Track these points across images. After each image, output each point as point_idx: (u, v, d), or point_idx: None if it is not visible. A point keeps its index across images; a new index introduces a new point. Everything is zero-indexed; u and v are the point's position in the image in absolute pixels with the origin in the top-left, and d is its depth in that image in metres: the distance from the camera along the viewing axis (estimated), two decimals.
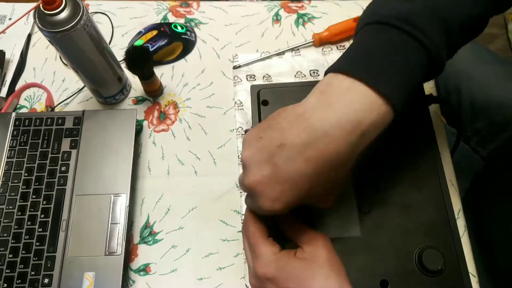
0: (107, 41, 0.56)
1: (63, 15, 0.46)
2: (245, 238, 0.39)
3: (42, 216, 0.52)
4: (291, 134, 0.32)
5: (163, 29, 0.64)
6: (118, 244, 0.51)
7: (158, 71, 0.63)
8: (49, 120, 0.57)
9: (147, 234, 0.55)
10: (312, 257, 0.35)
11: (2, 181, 0.54)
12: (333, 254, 0.36)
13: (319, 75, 0.64)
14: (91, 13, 0.68)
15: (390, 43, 0.33)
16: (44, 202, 0.53)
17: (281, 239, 0.38)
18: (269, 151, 0.33)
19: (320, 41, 0.65)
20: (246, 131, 0.55)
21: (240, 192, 0.56)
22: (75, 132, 0.57)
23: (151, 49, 0.62)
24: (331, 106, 0.32)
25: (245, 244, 0.39)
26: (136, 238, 0.54)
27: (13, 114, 0.58)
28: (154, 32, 0.64)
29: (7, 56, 0.65)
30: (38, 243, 0.51)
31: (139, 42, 0.63)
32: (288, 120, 0.33)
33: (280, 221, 0.39)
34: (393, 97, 0.32)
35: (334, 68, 0.34)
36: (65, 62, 0.65)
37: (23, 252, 0.50)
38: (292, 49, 0.65)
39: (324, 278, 0.34)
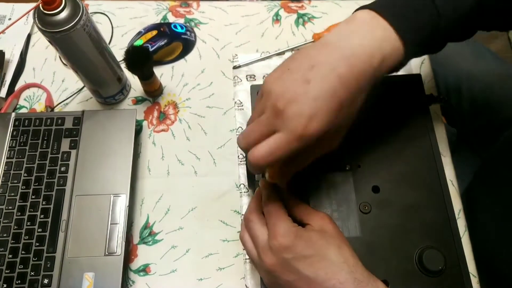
0: (107, 41, 0.56)
1: (63, 15, 0.46)
2: (250, 221, 0.40)
3: (42, 216, 0.52)
4: (321, 56, 0.34)
5: (162, 29, 0.64)
6: (118, 244, 0.50)
7: (158, 71, 0.63)
8: (48, 120, 0.57)
9: (147, 234, 0.54)
10: (323, 230, 0.38)
11: (1, 182, 0.54)
12: (339, 229, 0.39)
13: None
14: (90, 13, 0.68)
15: None
16: (44, 203, 0.53)
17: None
18: (301, 74, 0.34)
19: None
20: None
21: (240, 192, 0.56)
22: (74, 132, 0.57)
23: (150, 49, 0.62)
24: (355, 32, 0.36)
25: (254, 224, 0.40)
26: (136, 239, 0.54)
27: (13, 114, 0.58)
28: (154, 32, 0.64)
29: (6, 56, 0.65)
30: (37, 244, 0.51)
31: (138, 42, 0.63)
32: (316, 48, 0.35)
33: (288, 204, 0.41)
34: (406, 36, 0.36)
35: (361, 7, 0.38)
36: (64, 62, 0.65)
37: (23, 252, 0.50)
38: (292, 49, 0.65)
39: (337, 246, 0.37)
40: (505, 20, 0.40)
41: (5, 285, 0.49)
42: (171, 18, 0.69)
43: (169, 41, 0.64)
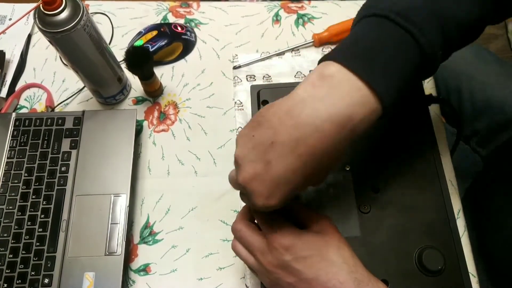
0: (107, 42, 0.56)
1: (63, 15, 0.46)
2: (241, 231, 0.40)
3: (42, 216, 0.52)
4: (282, 132, 0.32)
5: (163, 30, 0.64)
6: (118, 244, 0.51)
7: (158, 71, 0.64)
8: (49, 120, 0.57)
9: (147, 234, 0.55)
10: (322, 232, 0.38)
11: (2, 181, 0.54)
12: (338, 231, 0.39)
13: None
14: (91, 13, 0.68)
15: (386, 37, 0.33)
16: (44, 202, 0.53)
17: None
18: (261, 150, 0.33)
19: (320, 42, 0.65)
20: None
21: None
22: (75, 133, 0.57)
23: (151, 50, 0.62)
24: (322, 100, 0.32)
25: (245, 233, 0.39)
26: (136, 238, 0.54)
27: (13, 115, 0.58)
28: (154, 33, 0.64)
29: (7, 56, 0.65)
30: (38, 243, 0.51)
31: (139, 43, 0.63)
32: (277, 117, 0.33)
33: (288, 206, 0.40)
34: (384, 93, 0.32)
35: (329, 57, 0.33)
36: (65, 62, 0.65)
37: (23, 252, 0.50)
38: (292, 49, 0.65)
39: (336, 247, 0.36)
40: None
41: (5, 285, 0.49)
42: (171, 19, 0.69)
43: (169, 42, 0.64)
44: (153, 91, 0.62)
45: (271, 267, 0.36)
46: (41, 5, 0.46)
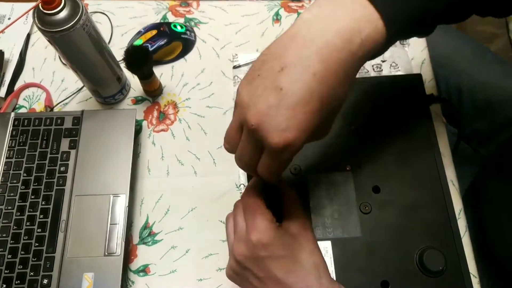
0: (107, 41, 0.56)
1: (62, 14, 0.46)
2: (238, 207, 0.40)
3: (41, 216, 0.52)
4: (290, 55, 0.30)
5: (162, 29, 0.64)
6: (118, 244, 0.50)
7: (158, 70, 0.63)
8: (48, 120, 0.57)
9: (147, 234, 0.54)
10: (299, 234, 0.38)
11: (1, 182, 0.54)
12: (314, 236, 0.39)
13: None
14: (90, 12, 0.68)
15: None
16: (43, 203, 0.52)
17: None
18: (270, 81, 0.30)
19: None
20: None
21: (240, 193, 0.56)
22: (74, 132, 0.56)
23: (150, 49, 0.62)
24: (328, 16, 0.31)
25: (237, 213, 0.39)
26: (136, 239, 0.54)
27: (12, 114, 0.58)
28: (154, 32, 0.64)
29: (6, 55, 0.65)
30: (37, 244, 0.50)
31: (138, 42, 0.63)
32: (282, 45, 0.31)
33: (280, 190, 0.40)
34: (388, 14, 0.31)
35: None
36: (64, 62, 0.65)
37: (22, 252, 0.50)
38: None
39: (310, 252, 0.37)
40: (500, 4, 0.37)
41: (4, 285, 0.49)
42: (171, 18, 0.69)
43: (169, 41, 0.63)
44: (153, 91, 0.62)
45: (242, 256, 0.36)
46: (40, 4, 0.45)
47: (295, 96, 0.30)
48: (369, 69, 0.63)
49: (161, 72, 0.64)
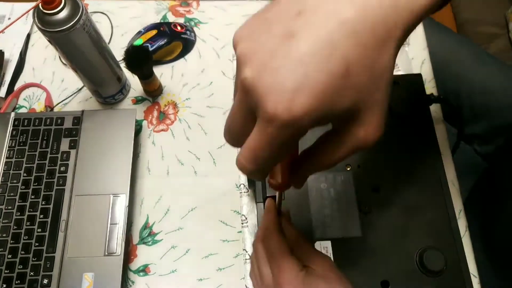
0: (107, 41, 0.56)
1: (62, 14, 0.46)
2: (260, 252, 0.37)
3: (41, 216, 0.52)
4: None
5: (162, 29, 0.64)
6: (118, 244, 0.50)
7: (158, 70, 0.63)
8: (48, 120, 0.57)
9: (147, 234, 0.54)
10: (327, 276, 0.35)
11: (1, 181, 0.54)
12: (341, 273, 0.36)
13: None
14: (90, 12, 0.68)
15: None
16: (43, 203, 0.52)
17: None
18: (282, 25, 0.22)
19: None
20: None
21: (240, 192, 0.56)
22: (74, 132, 0.56)
23: (150, 49, 0.62)
24: None
25: (259, 259, 0.37)
26: (136, 239, 0.54)
27: (12, 114, 0.58)
28: (154, 32, 0.64)
29: (6, 55, 0.65)
30: (37, 244, 0.50)
31: (138, 42, 0.63)
32: None
33: (290, 242, 0.38)
34: None
35: None
36: (64, 62, 0.65)
37: (22, 252, 0.50)
38: None
39: None
40: None
41: (4, 285, 0.49)
42: (171, 18, 0.69)
43: (169, 41, 0.63)
44: (153, 91, 0.62)
45: None
46: (40, 4, 0.45)
47: (310, 46, 0.21)
48: None
49: (161, 72, 0.64)
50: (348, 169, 0.49)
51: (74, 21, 0.46)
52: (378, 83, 0.23)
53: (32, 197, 0.53)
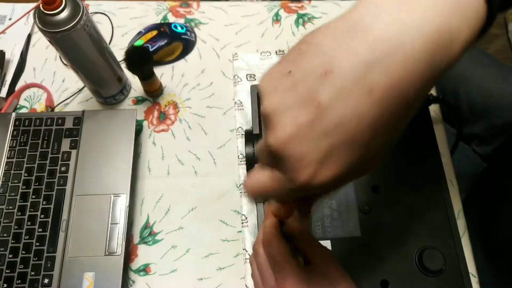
0: (107, 41, 0.56)
1: (63, 15, 0.46)
2: (261, 256, 0.37)
3: (42, 216, 0.52)
4: (342, 55, 0.21)
5: (163, 29, 0.64)
6: (118, 244, 0.51)
7: (158, 71, 0.63)
8: (49, 120, 0.57)
9: (147, 234, 0.55)
10: (330, 274, 0.35)
11: (2, 181, 0.54)
12: (343, 270, 0.37)
13: None
14: (91, 13, 0.68)
15: None
16: (44, 202, 0.53)
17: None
18: (307, 86, 0.21)
19: None
20: (246, 131, 0.54)
21: (240, 192, 0.56)
22: (75, 132, 0.57)
23: (151, 49, 0.62)
24: (407, 3, 0.21)
25: (261, 262, 0.37)
26: (136, 238, 0.54)
27: (13, 114, 0.58)
28: (154, 32, 0.64)
29: (7, 56, 0.65)
30: (38, 243, 0.51)
31: (139, 42, 0.63)
32: (332, 38, 0.22)
33: (294, 238, 0.38)
34: None
35: None
36: (65, 62, 0.65)
37: (23, 252, 0.50)
38: None
39: (345, 286, 0.35)
40: None
41: (5, 285, 0.49)
42: (171, 18, 0.69)
43: (169, 41, 0.64)
44: (153, 91, 0.62)
45: None
46: (41, 5, 0.46)
47: (336, 120, 0.21)
48: None
49: (162, 73, 0.64)
50: None
51: (74, 22, 0.46)
52: (400, 133, 0.24)
53: (33, 197, 0.53)
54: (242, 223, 0.54)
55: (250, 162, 0.50)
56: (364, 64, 0.20)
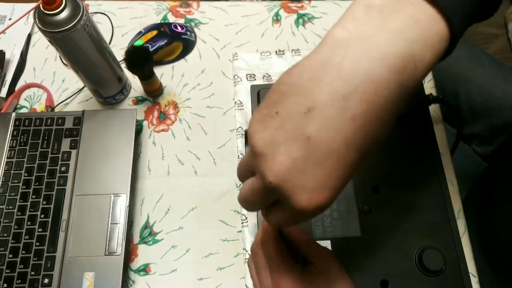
0: (107, 41, 0.56)
1: (63, 15, 0.46)
2: (259, 257, 0.37)
3: (42, 216, 0.52)
4: (321, 92, 0.23)
5: (163, 29, 0.64)
6: (118, 244, 0.51)
7: (158, 71, 0.63)
8: (49, 120, 0.57)
9: (147, 234, 0.55)
10: (328, 273, 0.36)
11: (2, 181, 0.54)
12: (342, 268, 0.37)
13: None
14: (91, 13, 0.68)
15: None
16: (44, 202, 0.53)
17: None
18: (293, 125, 0.23)
19: None
20: (246, 131, 0.54)
21: None
22: (75, 132, 0.57)
23: (151, 49, 0.62)
24: (372, 37, 0.23)
25: (258, 263, 0.37)
26: (136, 238, 0.54)
27: (13, 114, 0.58)
28: (154, 32, 0.64)
29: (7, 56, 0.65)
30: (38, 243, 0.51)
31: (139, 42, 0.63)
32: (308, 76, 0.24)
33: (293, 239, 0.38)
34: (454, 15, 0.24)
35: None
36: (65, 62, 0.65)
37: (23, 252, 0.50)
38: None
39: (343, 286, 0.36)
40: None
41: (5, 285, 0.49)
42: (171, 18, 0.69)
43: (169, 41, 0.64)
44: (153, 91, 0.62)
45: None
46: (41, 5, 0.46)
47: (327, 149, 0.23)
48: None
49: (162, 73, 0.65)
50: None
51: (74, 22, 0.46)
52: (380, 144, 0.26)
53: (33, 197, 0.53)
54: (242, 223, 0.54)
55: None
56: (342, 97, 0.23)
